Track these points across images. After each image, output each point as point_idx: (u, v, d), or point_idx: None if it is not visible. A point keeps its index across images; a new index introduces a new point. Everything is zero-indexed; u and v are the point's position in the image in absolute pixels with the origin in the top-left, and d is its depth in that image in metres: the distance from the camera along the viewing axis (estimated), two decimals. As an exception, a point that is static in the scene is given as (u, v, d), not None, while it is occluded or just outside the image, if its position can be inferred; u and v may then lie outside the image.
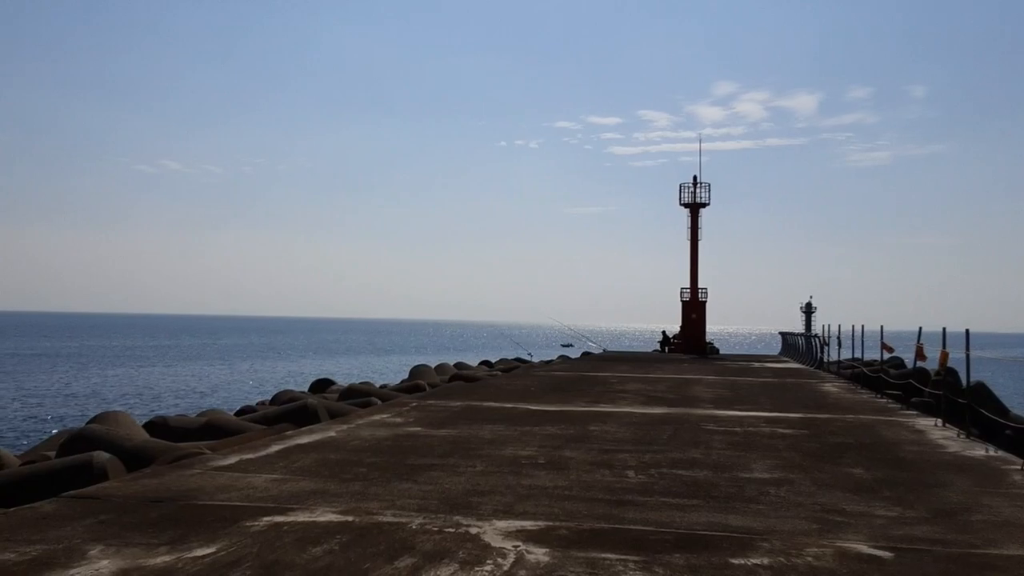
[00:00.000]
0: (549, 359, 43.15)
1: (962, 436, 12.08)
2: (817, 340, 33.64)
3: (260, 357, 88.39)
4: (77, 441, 12.08)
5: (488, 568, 5.22)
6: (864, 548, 5.85)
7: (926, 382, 18.21)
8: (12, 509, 6.83)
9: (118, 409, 21.76)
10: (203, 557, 5.33)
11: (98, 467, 9.72)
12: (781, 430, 12.45)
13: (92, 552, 5.39)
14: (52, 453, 12.88)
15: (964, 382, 13.83)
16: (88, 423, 15.24)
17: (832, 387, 21.73)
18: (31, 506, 6.76)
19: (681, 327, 45.33)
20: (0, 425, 31.59)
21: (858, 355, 25.20)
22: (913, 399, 17.41)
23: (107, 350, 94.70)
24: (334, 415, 15.08)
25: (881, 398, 18.60)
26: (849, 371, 26.00)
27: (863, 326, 23.94)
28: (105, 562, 5.18)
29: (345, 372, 57.75)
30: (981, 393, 18.13)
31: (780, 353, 48.23)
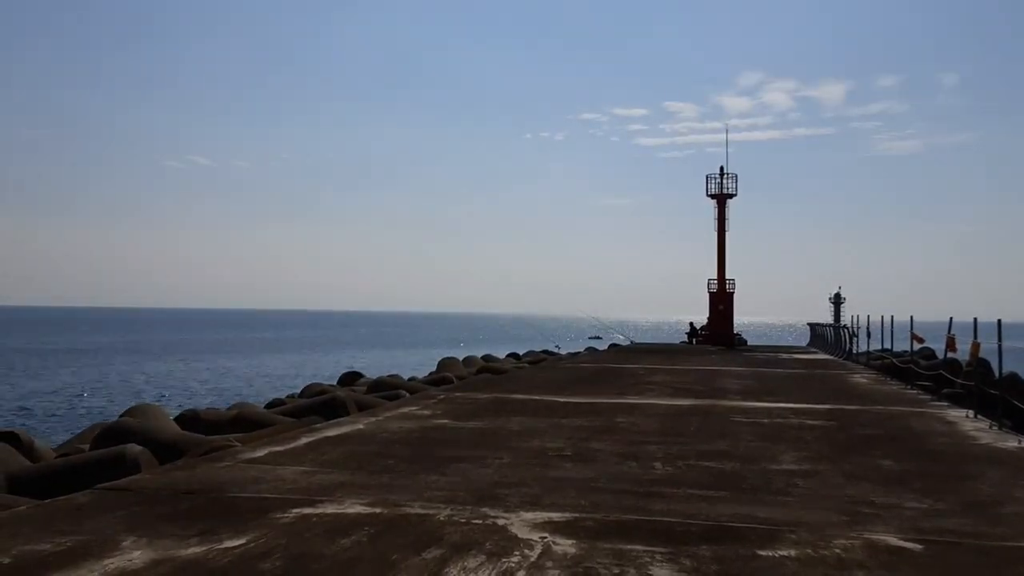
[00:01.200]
0: (577, 351, 43.16)
1: (994, 428, 11.94)
2: (846, 331, 33.35)
3: (289, 351, 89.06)
4: (110, 434, 12.26)
5: (515, 559, 5.24)
6: (893, 540, 5.80)
7: (957, 373, 18.01)
8: (48, 501, 6.96)
9: (150, 402, 22.03)
10: (233, 548, 5.41)
11: (131, 460, 9.87)
12: (809, 421, 12.37)
13: (125, 543, 5.48)
14: (86, 446, 13.09)
15: (997, 373, 13.67)
16: (121, 416, 15.45)
17: (861, 378, 21.54)
18: (66, 498, 6.88)
19: (709, 318, 45.10)
20: (36, 418, 32.11)
21: (888, 346, 24.97)
22: (944, 390, 17.24)
23: (136, 344, 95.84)
24: (362, 408, 15.19)
25: (911, 389, 18.41)
26: (879, 362, 25.76)
27: (892, 316, 23.73)
28: (138, 553, 5.27)
29: (373, 365, 58.01)
30: (1014, 384, 17.88)
31: (809, 344, 47.88)
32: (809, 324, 52.94)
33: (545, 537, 5.76)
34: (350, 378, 27.74)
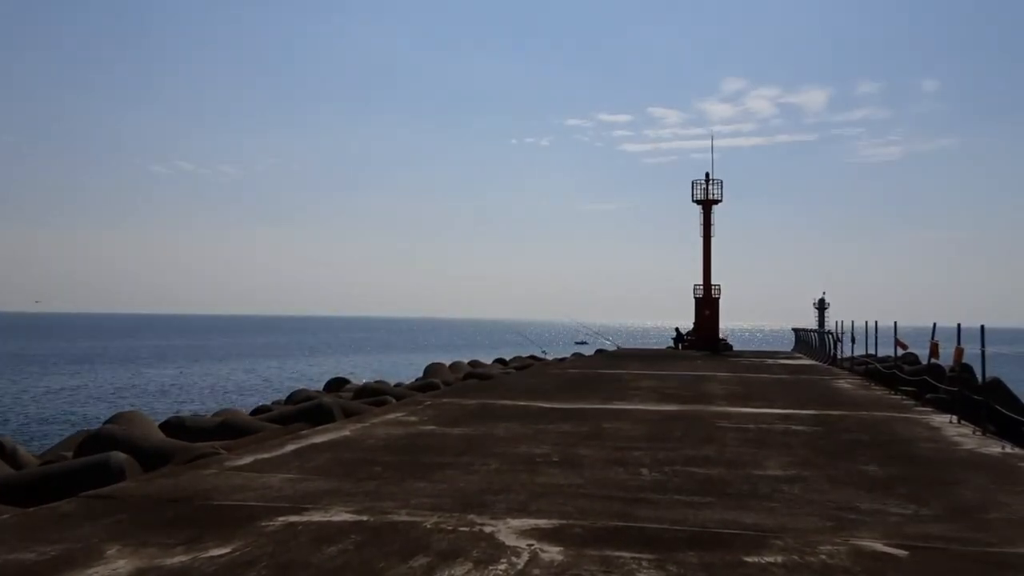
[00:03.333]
0: (563, 356, 43.17)
1: (978, 433, 12.01)
2: (830, 336, 33.51)
3: (275, 356, 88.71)
4: (94, 441, 12.18)
5: (502, 567, 5.24)
6: (879, 546, 5.83)
7: (941, 378, 18.12)
8: (32, 509, 6.90)
9: (134, 409, 21.89)
10: (219, 557, 5.38)
11: (115, 467, 9.81)
12: (794, 427, 12.42)
13: (110, 552, 5.44)
14: (70, 453, 13.00)
15: (980, 378, 13.76)
16: (105, 423, 15.36)
17: (846, 383, 21.64)
18: (50, 506, 6.83)
19: (694, 324, 45.23)
20: (19, 425, 31.85)
21: (872, 351, 25.10)
22: (928, 396, 17.33)
23: (122, 350, 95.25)
24: (349, 414, 15.14)
25: (895, 395, 18.52)
26: (863, 367, 25.89)
27: (876, 322, 23.85)
28: (122, 562, 5.23)
29: (359, 371, 57.89)
30: (997, 389, 18.00)
31: (793, 349, 48.06)
32: (794, 329, 53.16)
33: (532, 544, 5.76)
34: (336, 384, 27.68)
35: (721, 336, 45.59)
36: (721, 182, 44.35)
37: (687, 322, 46.66)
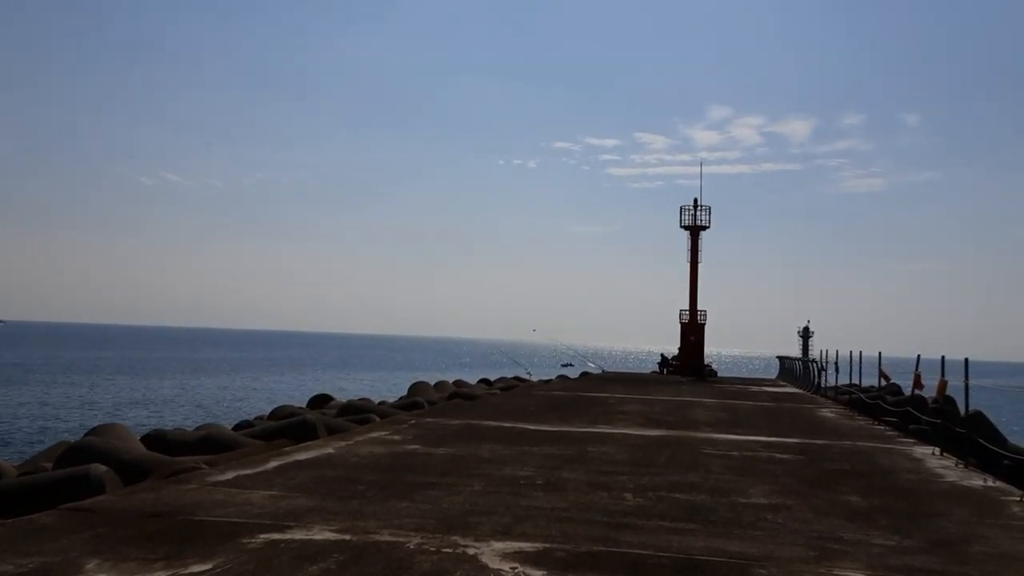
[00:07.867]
0: (548, 378, 43.14)
1: (960, 465, 12.07)
2: (815, 365, 33.64)
3: (258, 371, 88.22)
4: (75, 453, 12.07)
5: (485, 590, 5.20)
6: (861, 576, 5.84)
7: (924, 410, 18.21)
8: (9, 520, 6.82)
9: (116, 421, 21.71)
10: (199, 574, 5.33)
11: (95, 480, 9.72)
12: (778, 455, 12.44)
13: (89, 566, 5.39)
14: (49, 464, 12.87)
15: (963, 411, 13.84)
16: (86, 435, 15.22)
17: (829, 413, 21.71)
18: (28, 518, 6.76)
19: (680, 349, 45.34)
20: (-4, 435, 31.48)
21: (856, 381, 25.21)
22: (911, 427, 17.40)
23: (105, 361, 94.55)
24: (332, 431, 15.07)
25: (878, 425, 18.58)
26: (846, 397, 25.98)
27: (860, 352, 23.96)
28: (102, 576, 5.18)
29: (344, 388, 57.64)
30: (979, 422, 18.11)
31: (777, 377, 48.20)
32: (779, 357, 53.36)
33: (516, 567, 5.73)
34: (320, 401, 27.52)
35: (706, 362, 45.71)
36: (709, 208, 44.65)
37: (672, 347, 46.80)
